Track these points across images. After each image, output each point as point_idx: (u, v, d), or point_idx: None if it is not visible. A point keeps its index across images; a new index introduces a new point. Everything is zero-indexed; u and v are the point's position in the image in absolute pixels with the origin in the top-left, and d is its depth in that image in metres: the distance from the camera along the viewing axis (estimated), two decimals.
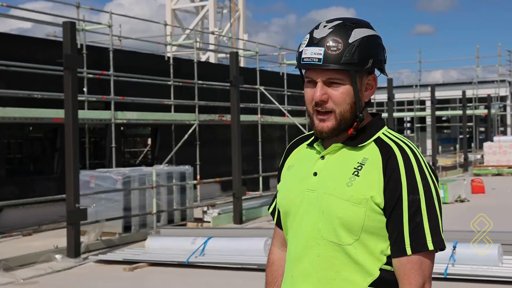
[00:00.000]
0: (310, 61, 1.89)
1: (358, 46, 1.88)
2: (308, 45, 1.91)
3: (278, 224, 2.20)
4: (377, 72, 1.98)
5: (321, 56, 1.87)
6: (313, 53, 1.89)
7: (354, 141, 1.95)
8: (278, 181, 2.17)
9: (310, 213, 1.94)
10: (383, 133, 1.97)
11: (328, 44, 1.87)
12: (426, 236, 1.83)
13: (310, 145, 2.07)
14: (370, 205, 1.85)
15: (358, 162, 1.91)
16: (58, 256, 9.08)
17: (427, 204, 1.85)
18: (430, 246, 1.83)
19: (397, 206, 1.85)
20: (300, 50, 1.94)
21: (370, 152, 1.92)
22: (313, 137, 2.08)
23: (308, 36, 1.94)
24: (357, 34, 1.89)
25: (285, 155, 2.18)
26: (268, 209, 2.29)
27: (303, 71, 1.98)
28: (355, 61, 1.88)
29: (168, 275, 8.38)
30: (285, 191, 2.06)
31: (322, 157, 1.98)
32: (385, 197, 1.85)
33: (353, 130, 1.94)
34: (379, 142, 1.94)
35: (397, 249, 1.86)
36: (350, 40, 1.88)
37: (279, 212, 2.16)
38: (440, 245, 1.85)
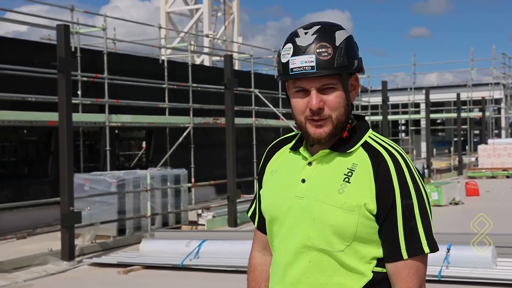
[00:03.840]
0: (302, 70, 1.83)
1: (345, 48, 1.85)
2: (295, 54, 1.85)
3: (259, 228, 2.16)
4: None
5: (313, 64, 1.82)
6: (304, 62, 1.83)
7: (341, 147, 1.92)
8: (260, 185, 2.11)
9: (300, 220, 1.90)
10: (369, 136, 1.95)
11: (318, 51, 1.82)
12: (421, 240, 1.84)
13: (294, 149, 2.02)
14: (363, 212, 1.84)
15: (347, 168, 1.89)
16: (52, 259, 9.06)
17: (419, 207, 1.85)
18: (426, 249, 1.84)
19: (391, 212, 1.84)
20: (284, 61, 1.87)
21: (359, 158, 1.90)
22: (294, 141, 2.04)
23: (290, 45, 1.87)
24: (340, 36, 1.86)
25: (265, 158, 2.12)
26: (247, 212, 2.24)
27: (286, 82, 1.93)
28: (345, 63, 1.85)
29: (163, 278, 8.37)
30: (270, 197, 2.01)
31: (309, 164, 1.94)
32: (378, 203, 1.84)
33: (347, 132, 1.92)
34: (367, 147, 1.92)
35: (392, 254, 1.85)
36: (337, 43, 1.84)
37: (260, 216, 2.14)
38: (434, 248, 1.85)
